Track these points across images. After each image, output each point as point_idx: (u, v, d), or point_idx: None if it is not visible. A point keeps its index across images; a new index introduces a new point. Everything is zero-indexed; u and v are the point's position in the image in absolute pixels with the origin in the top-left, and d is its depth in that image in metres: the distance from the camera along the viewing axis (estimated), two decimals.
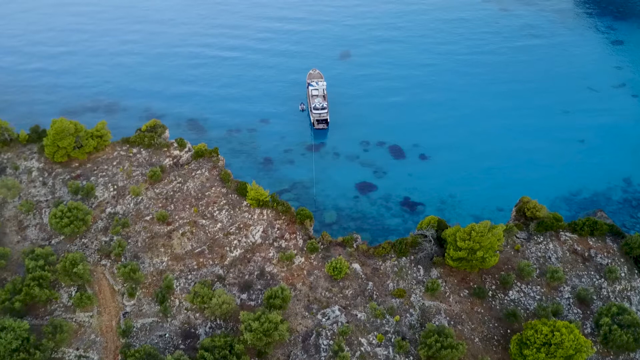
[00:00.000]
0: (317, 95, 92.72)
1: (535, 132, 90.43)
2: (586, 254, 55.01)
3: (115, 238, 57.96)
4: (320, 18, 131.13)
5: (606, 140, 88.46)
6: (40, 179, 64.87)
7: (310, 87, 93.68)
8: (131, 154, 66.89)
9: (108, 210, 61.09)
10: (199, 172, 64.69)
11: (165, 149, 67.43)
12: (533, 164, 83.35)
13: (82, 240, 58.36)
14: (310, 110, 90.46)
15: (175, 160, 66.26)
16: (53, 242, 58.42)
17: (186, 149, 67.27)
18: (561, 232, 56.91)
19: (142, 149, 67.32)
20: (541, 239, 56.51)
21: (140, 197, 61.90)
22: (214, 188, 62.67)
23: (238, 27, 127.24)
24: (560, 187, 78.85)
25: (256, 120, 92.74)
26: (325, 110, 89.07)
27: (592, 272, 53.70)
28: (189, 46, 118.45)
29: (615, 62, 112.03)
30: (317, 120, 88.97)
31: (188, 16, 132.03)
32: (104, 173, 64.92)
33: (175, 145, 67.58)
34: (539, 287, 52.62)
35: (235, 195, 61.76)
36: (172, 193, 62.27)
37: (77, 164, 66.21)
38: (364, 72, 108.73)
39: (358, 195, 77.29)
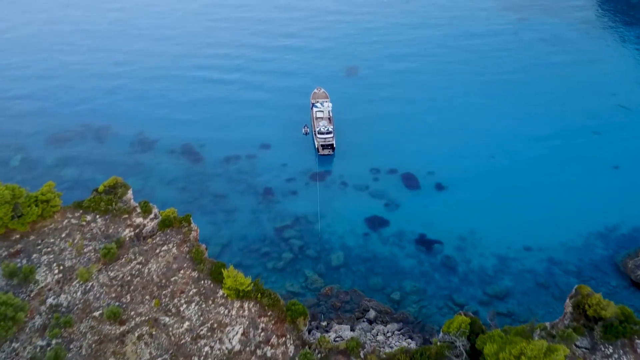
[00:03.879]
0: (322, 118, 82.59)
1: (562, 157, 80.00)
2: None
3: (53, 343, 45.18)
4: (326, 35, 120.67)
5: None
6: None
7: (314, 109, 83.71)
8: (84, 223, 53.96)
9: (49, 300, 48.19)
10: (164, 247, 51.51)
11: (126, 216, 54.44)
12: (562, 193, 73.02)
13: (13, 344, 45.57)
14: (315, 134, 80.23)
15: (137, 230, 53.25)
16: None
17: (152, 216, 54.23)
18: (637, 340, 42.89)
19: (97, 216, 54.40)
20: (611, 350, 42.51)
21: (90, 283, 49.01)
22: (182, 271, 49.48)
23: (238, 46, 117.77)
24: (594, 220, 68.27)
25: (256, 146, 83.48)
26: (331, 135, 78.95)
27: None
28: (186, 69, 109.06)
29: None
30: (322, 146, 79.28)
31: (185, 38, 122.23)
32: (49, 249, 52.06)
33: (139, 210, 54.57)
34: None
35: (209, 282, 48.51)
36: (129, 278, 49.19)
37: (18, 236, 53.53)
38: (373, 92, 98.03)
39: (368, 232, 67.64)
